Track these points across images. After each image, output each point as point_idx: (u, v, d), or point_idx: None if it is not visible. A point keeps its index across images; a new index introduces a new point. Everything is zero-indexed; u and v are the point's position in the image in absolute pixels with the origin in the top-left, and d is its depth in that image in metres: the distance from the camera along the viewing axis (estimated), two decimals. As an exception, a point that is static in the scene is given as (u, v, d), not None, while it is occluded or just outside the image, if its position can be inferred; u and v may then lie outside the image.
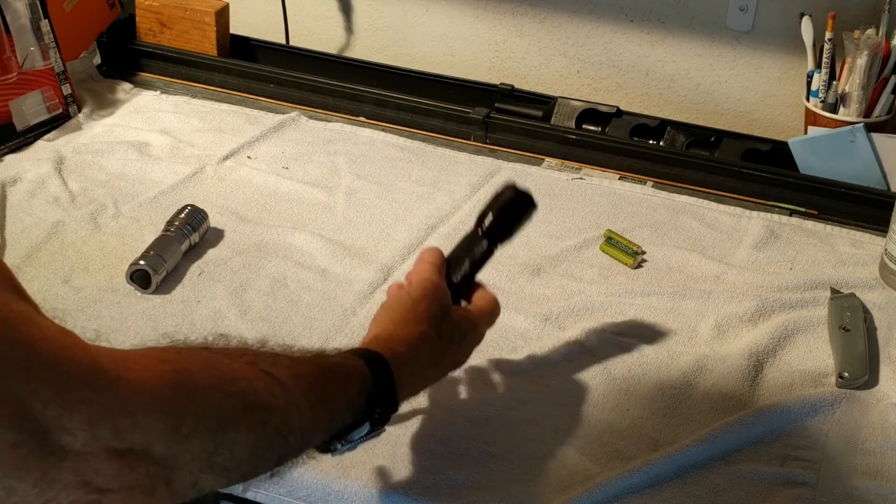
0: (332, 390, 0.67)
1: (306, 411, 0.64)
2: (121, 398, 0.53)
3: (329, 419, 0.67)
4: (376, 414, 0.71)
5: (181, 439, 0.56)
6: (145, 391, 0.54)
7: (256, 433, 0.60)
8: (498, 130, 1.37)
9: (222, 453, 0.59)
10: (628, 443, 0.86)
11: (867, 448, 0.86)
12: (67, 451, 0.51)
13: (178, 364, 0.58)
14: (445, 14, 1.56)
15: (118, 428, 0.52)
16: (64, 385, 0.50)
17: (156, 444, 0.54)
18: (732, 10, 1.40)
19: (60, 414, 0.50)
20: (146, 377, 0.54)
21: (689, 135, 1.36)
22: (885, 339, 1.00)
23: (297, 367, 0.66)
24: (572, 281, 1.07)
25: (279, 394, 0.62)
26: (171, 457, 0.55)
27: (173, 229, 1.08)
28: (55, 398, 0.50)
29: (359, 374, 0.70)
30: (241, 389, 0.60)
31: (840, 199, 1.23)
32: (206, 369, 0.60)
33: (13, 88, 1.29)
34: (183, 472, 0.57)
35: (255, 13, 1.65)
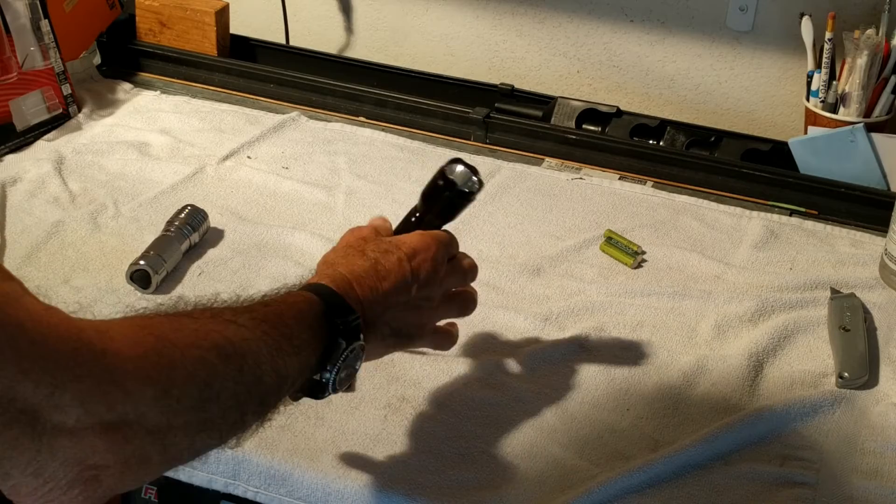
0: (290, 322, 0.68)
1: (274, 348, 0.65)
2: (109, 370, 0.53)
3: (297, 350, 0.68)
4: (340, 326, 0.70)
5: (172, 402, 0.56)
6: (131, 360, 0.55)
7: (235, 381, 0.61)
8: (498, 130, 1.37)
9: (210, 408, 0.59)
10: (628, 443, 0.86)
11: (867, 448, 0.86)
12: (61, 430, 0.51)
13: (154, 329, 0.59)
14: (445, 14, 1.56)
15: (110, 401, 0.53)
16: (53, 363, 0.51)
17: (148, 412, 0.55)
18: (732, 10, 1.40)
19: (51, 392, 0.50)
20: (130, 346, 0.55)
21: (689, 135, 1.36)
22: (885, 339, 1.00)
23: (254, 312, 0.67)
24: (572, 281, 1.07)
25: (248, 337, 0.64)
26: (164, 422, 0.56)
27: (173, 229, 1.08)
28: (45, 377, 0.50)
29: (307, 301, 0.70)
30: (215, 342, 0.61)
31: (840, 199, 1.23)
32: (180, 329, 0.60)
33: (13, 88, 1.29)
34: (178, 437, 0.57)
35: (255, 13, 1.65)
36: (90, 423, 0.52)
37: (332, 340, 0.70)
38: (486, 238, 1.15)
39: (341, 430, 0.85)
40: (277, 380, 0.66)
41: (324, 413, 0.87)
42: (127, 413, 0.54)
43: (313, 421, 0.86)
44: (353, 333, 0.71)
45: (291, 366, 0.67)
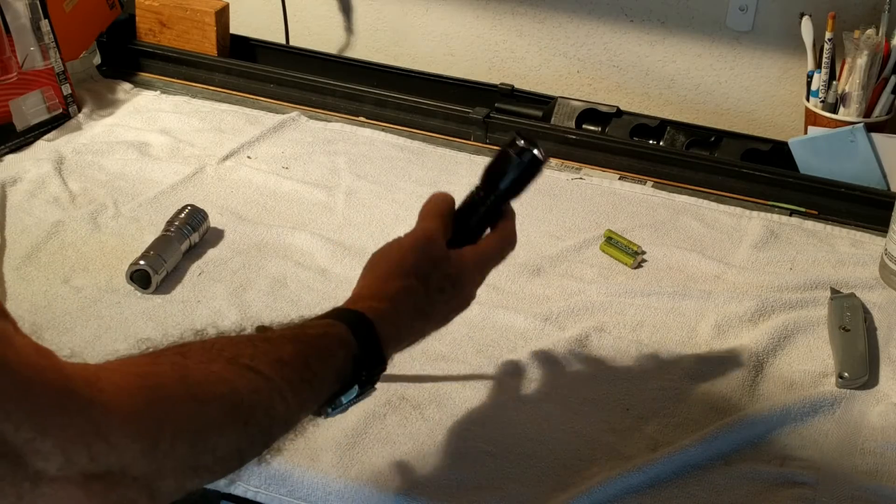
0: (316, 367, 0.66)
1: (290, 397, 0.63)
2: (94, 422, 0.51)
3: (314, 396, 0.67)
4: (364, 376, 0.70)
5: (159, 455, 0.55)
6: (119, 412, 0.53)
7: (238, 434, 0.60)
8: (498, 130, 1.37)
9: (205, 458, 0.58)
10: (628, 443, 0.86)
11: (867, 448, 0.86)
12: (42, 477, 0.50)
13: (151, 378, 0.57)
14: (445, 14, 1.56)
15: (93, 452, 0.51)
16: (37, 408, 0.49)
17: (133, 464, 0.53)
18: (732, 10, 1.40)
19: (33, 437, 0.49)
20: (120, 398, 0.53)
21: (689, 135, 1.36)
22: (885, 339, 1.00)
23: (279, 352, 0.65)
24: (572, 281, 1.07)
25: (262, 388, 0.62)
26: (152, 471, 0.55)
27: (173, 229, 1.08)
28: (27, 421, 0.49)
29: (342, 342, 0.69)
30: (219, 394, 0.59)
31: (840, 199, 1.23)
32: (182, 379, 0.58)
33: (13, 88, 1.29)
34: (166, 482, 0.56)
35: (255, 13, 1.65)
36: (72, 472, 0.51)
37: (349, 384, 0.69)
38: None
39: (341, 430, 0.85)
40: (285, 428, 0.65)
41: (324, 413, 0.87)
42: (111, 464, 0.52)
43: (312, 421, 0.86)
44: (371, 383, 0.71)
45: (305, 410, 0.66)
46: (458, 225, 0.82)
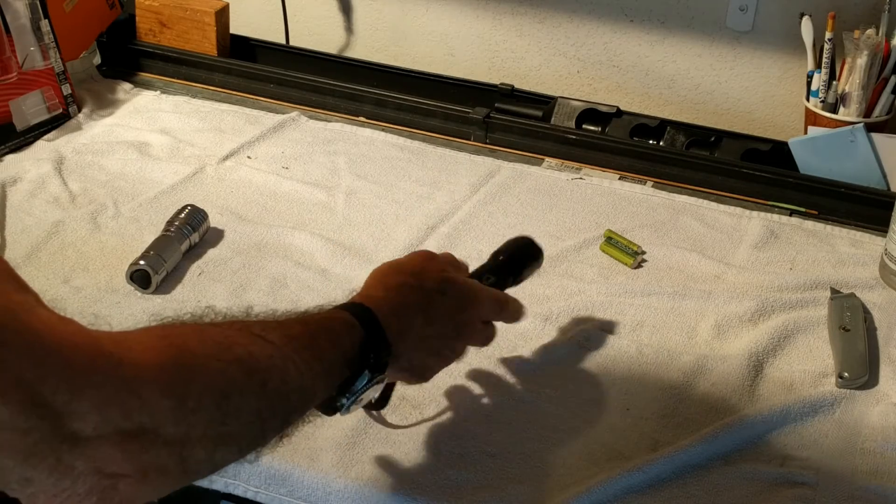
0: (324, 345, 0.68)
1: (303, 368, 0.65)
2: (125, 379, 0.53)
3: (326, 373, 0.68)
4: (371, 359, 0.70)
5: (188, 413, 0.56)
6: (148, 369, 0.55)
7: (258, 396, 0.61)
8: (498, 130, 1.37)
9: (230, 422, 0.59)
10: (628, 442, 0.86)
11: (867, 448, 0.86)
12: (79, 437, 0.51)
13: (175, 339, 0.59)
14: (445, 14, 1.56)
15: (126, 409, 0.53)
16: (70, 370, 0.51)
17: (165, 423, 0.55)
18: (732, 10, 1.40)
19: (69, 399, 0.51)
20: (148, 356, 0.55)
21: (689, 135, 1.36)
22: (885, 339, 1.00)
23: (287, 329, 0.67)
24: (572, 281, 1.07)
25: (275, 354, 0.63)
26: (182, 433, 0.56)
27: (173, 229, 1.08)
28: (62, 384, 0.50)
29: (346, 325, 0.70)
30: (238, 355, 0.61)
31: (840, 199, 1.23)
32: (203, 341, 0.60)
33: (13, 88, 1.29)
34: (196, 449, 0.57)
35: (255, 13, 1.65)
36: (108, 431, 0.52)
37: (359, 369, 0.70)
38: (486, 238, 1.14)
39: (341, 430, 0.85)
40: (302, 399, 0.66)
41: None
42: (144, 422, 0.54)
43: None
44: (380, 368, 0.72)
45: (318, 386, 0.67)
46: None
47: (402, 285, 0.77)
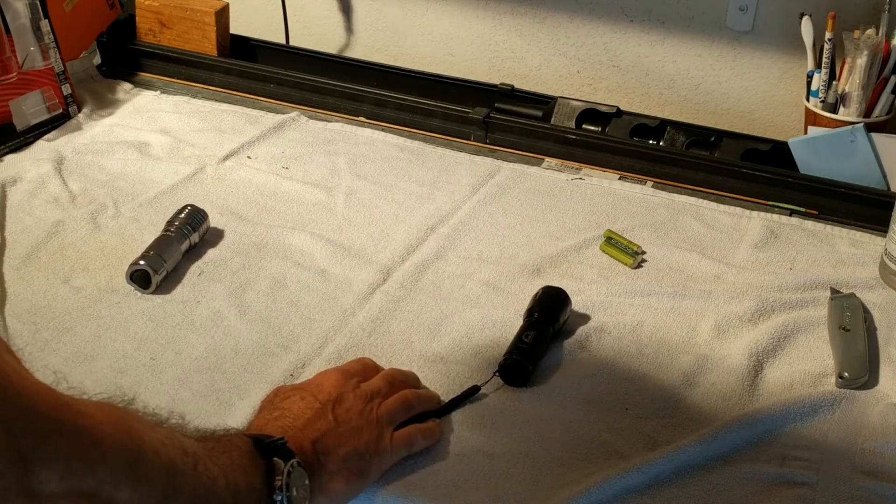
0: (228, 448, 0.69)
1: (223, 465, 0.66)
2: (87, 429, 0.54)
3: (244, 471, 0.68)
4: (268, 444, 0.71)
5: (141, 479, 0.57)
6: (106, 424, 0.56)
7: (193, 478, 0.62)
8: (498, 130, 1.37)
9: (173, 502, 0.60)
10: (627, 442, 0.86)
11: (867, 448, 0.86)
12: (41, 494, 0.51)
13: (117, 409, 0.60)
14: (445, 14, 1.56)
15: (90, 460, 0.54)
16: (37, 415, 0.52)
17: (121, 488, 0.55)
18: (732, 10, 1.40)
19: (36, 444, 0.51)
20: (102, 414, 0.56)
21: (689, 135, 1.36)
22: (885, 339, 1.00)
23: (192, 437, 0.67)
24: (572, 281, 1.07)
25: (197, 447, 0.65)
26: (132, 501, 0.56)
27: (173, 229, 1.08)
28: (31, 426, 0.51)
29: (235, 436, 0.71)
30: (171, 436, 0.62)
31: (840, 199, 1.23)
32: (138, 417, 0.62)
33: (13, 88, 1.29)
34: None
35: (255, 13, 1.65)
36: (70, 487, 0.52)
37: (268, 462, 0.70)
38: (486, 238, 1.15)
39: (341, 430, 0.85)
40: (231, 495, 0.66)
41: (323, 413, 0.87)
42: (103, 481, 0.54)
43: None
44: (284, 452, 0.71)
45: (241, 482, 0.67)
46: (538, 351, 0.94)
47: (256, 418, 0.79)
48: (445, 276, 1.08)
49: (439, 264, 1.09)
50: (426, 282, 1.06)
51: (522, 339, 0.93)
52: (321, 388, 0.81)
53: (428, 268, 1.09)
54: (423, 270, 1.08)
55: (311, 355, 0.94)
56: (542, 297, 0.99)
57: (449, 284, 1.06)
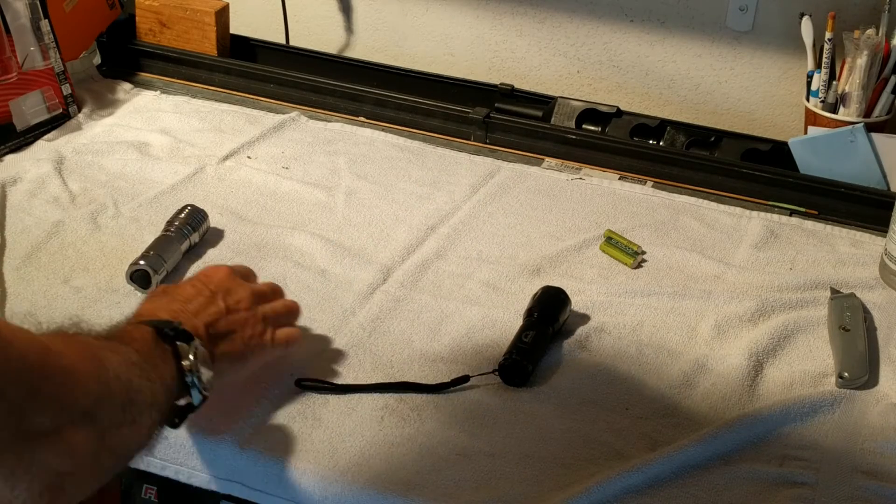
0: (141, 344, 0.73)
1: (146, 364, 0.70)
2: (67, 370, 0.60)
3: (158, 364, 0.72)
4: (170, 332, 0.75)
5: (108, 398, 0.63)
6: (79, 360, 0.62)
7: (143, 379, 0.68)
8: (498, 130, 1.37)
9: (132, 410, 0.66)
10: (627, 442, 0.86)
11: (867, 448, 0.86)
12: (39, 433, 0.56)
13: (75, 337, 0.66)
14: (445, 14, 1.56)
15: (76, 396, 0.59)
16: (27, 364, 0.56)
17: (98, 410, 0.61)
18: (732, 10, 1.40)
19: (28, 391, 0.55)
20: (70, 349, 0.62)
21: (689, 135, 1.36)
22: (885, 339, 1.00)
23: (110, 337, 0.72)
24: (572, 281, 1.07)
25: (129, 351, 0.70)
26: (108, 422, 0.63)
27: (173, 229, 1.08)
28: (22, 376, 0.55)
29: (137, 329, 0.74)
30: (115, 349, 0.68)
31: (840, 199, 1.23)
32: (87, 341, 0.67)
33: (13, 88, 1.29)
34: (115, 440, 0.63)
35: (255, 13, 1.65)
36: (64, 422, 0.58)
37: (174, 347, 0.74)
38: (486, 238, 1.15)
39: (338, 432, 0.85)
40: (164, 389, 0.71)
41: (321, 414, 0.87)
42: (85, 410, 0.60)
43: (311, 422, 0.86)
44: (185, 335, 0.76)
45: (167, 374, 0.72)
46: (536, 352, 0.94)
47: (149, 302, 0.84)
48: (445, 275, 1.08)
49: (439, 264, 1.09)
50: (426, 281, 1.06)
51: (522, 339, 0.93)
52: (211, 279, 0.86)
53: (428, 267, 1.09)
54: (424, 270, 1.08)
55: (311, 355, 0.94)
56: (542, 296, 0.99)
57: (449, 284, 1.06)
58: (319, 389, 0.90)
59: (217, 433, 0.84)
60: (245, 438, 0.84)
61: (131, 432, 0.66)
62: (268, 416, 0.87)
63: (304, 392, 0.89)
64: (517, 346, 0.93)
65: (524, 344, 0.93)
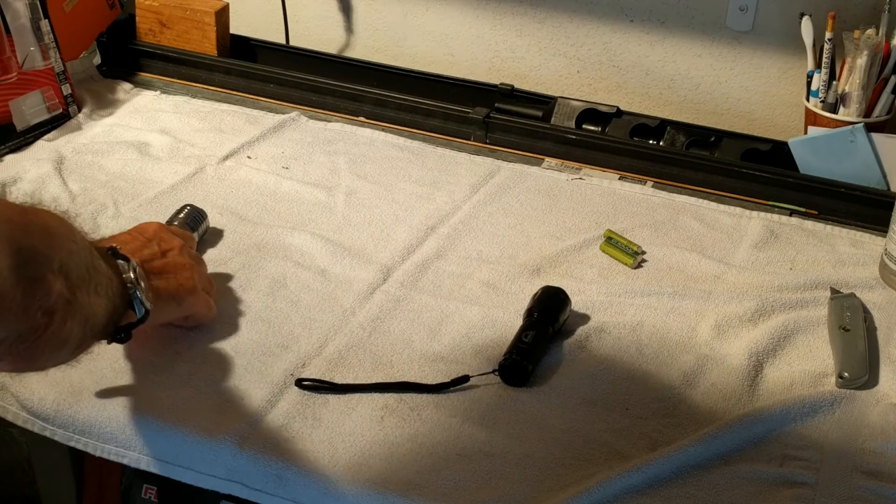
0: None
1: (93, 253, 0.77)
2: (46, 227, 0.70)
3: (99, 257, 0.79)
4: (109, 252, 0.82)
5: (75, 256, 0.72)
6: (56, 225, 0.72)
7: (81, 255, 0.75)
8: (498, 130, 1.37)
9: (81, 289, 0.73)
10: (627, 442, 0.86)
11: (867, 448, 0.86)
12: (37, 276, 0.66)
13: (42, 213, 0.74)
14: (445, 14, 1.56)
15: (52, 249, 0.68)
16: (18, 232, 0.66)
17: (70, 267, 0.70)
18: (732, 10, 1.40)
19: (21, 247, 0.64)
20: (43, 217, 0.72)
21: (689, 135, 1.36)
22: (885, 339, 1.00)
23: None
24: (572, 281, 1.07)
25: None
26: (73, 281, 0.71)
27: None
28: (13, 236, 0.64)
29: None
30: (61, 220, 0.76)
31: (840, 199, 1.23)
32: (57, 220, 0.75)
33: (13, 88, 1.29)
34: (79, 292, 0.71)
35: (255, 13, 1.65)
36: (45, 271, 0.67)
37: (116, 267, 0.81)
38: (486, 238, 1.15)
39: (338, 432, 0.85)
40: (111, 288, 0.78)
41: (321, 414, 0.87)
42: (62, 263, 0.69)
43: (311, 422, 0.86)
44: (124, 258, 0.82)
45: (115, 280, 0.79)
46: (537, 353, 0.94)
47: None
48: (445, 275, 1.08)
49: (439, 264, 1.09)
50: (426, 281, 1.06)
51: (522, 339, 0.93)
52: (145, 230, 0.94)
53: (428, 267, 1.09)
54: (424, 270, 1.08)
55: (311, 355, 0.94)
56: (542, 296, 0.99)
57: (449, 284, 1.06)
58: (319, 389, 0.90)
59: (217, 433, 0.84)
60: (245, 438, 0.84)
61: (92, 298, 0.73)
62: (268, 416, 0.87)
63: (304, 392, 0.89)
64: (517, 346, 0.93)
65: (524, 344, 0.93)
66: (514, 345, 0.93)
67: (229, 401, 0.88)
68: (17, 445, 1.03)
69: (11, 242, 0.64)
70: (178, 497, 0.91)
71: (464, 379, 0.91)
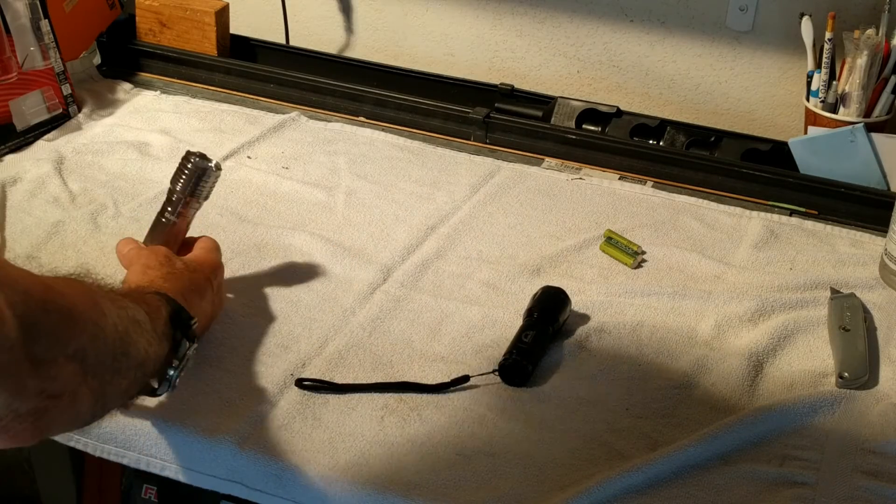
0: (155, 312, 0.79)
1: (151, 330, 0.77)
2: (68, 308, 0.65)
3: (160, 339, 0.78)
4: (184, 323, 0.81)
5: (101, 345, 0.68)
6: (80, 301, 0.67)
7: (144, 339, 0.74)
8: (498, 130, 1.37)
9: (123, 361, 0.71)
10: (627, 443, 0.86)
11: (867, 448, 0.86)
12: (38, 358, 0.61)
13: (89, 287, 0.73)
14: (445, 14, 1.56)
15: (70, 334, 0.64)
16: (29, 297, 0.61)
17: (89, 351, 0.66)
18: (732, 10, 1.40)
19: (28, 325, 0.60)
20: (72, 289, 0.68)
21: (689, 135, 1.36)
22: (885, 339, 1.00)
23: (131, 296, 0.78)
24: (572, 281, 1.07)
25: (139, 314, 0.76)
26: (96, 361, 0.67)
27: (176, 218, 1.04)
28: (21, 309, 0.60)
29: (157, 299, 0.81)
30: (122, 305, 0.74)
31: (840, 199, 1.23)
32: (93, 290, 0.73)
33: (13, 88, 1.29)
34: (95, 383, 0.67)
35: (255, 13, 1.65)
36: (57, 354, 0.63)
37: (176, 340, 0.80)
38: (486, 238, 1.15)
39: (338, 432, 0.85)
40: (153, 361, 0.76)
41: (321, 414, 0.87)
42: (79, 347, 0.65)
43: (311, 422, 0.86)
44: (192, 337, 0.82)
45: (161, 352, 0.78)
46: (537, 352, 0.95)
47: (168, 275, 0.90)
48: (445, 275, 1.08)
49: (439, 264, 1.09)
50: (426, 281, 1.06)
51: (522, 339, 0.93)
52: (210, 267, 0.95)
53: (428, 267, 1.09)
54: (424, 270, 1.08)
55: (311, 355, 0.94)
56: (542, 296, 0.99)
57: (449, 284, 1.06)
58: (319, 389, 0.90)
59: (217, 433, 0.84)
60: (245, 438, 0.84)
61: (113, 382, 0.70)
62: (268, 416, 0.87)
63: (304, 392, 0.89)
64: (517, 346, 0.93)
65: (524, 344, 0.93)
66: (514, 345, 0.93)
67: (229, 401, 0.88)
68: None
69: (24, 317, 0.60)
70: (178, 497, 0.91)
71: (464, 379, 0.91)
